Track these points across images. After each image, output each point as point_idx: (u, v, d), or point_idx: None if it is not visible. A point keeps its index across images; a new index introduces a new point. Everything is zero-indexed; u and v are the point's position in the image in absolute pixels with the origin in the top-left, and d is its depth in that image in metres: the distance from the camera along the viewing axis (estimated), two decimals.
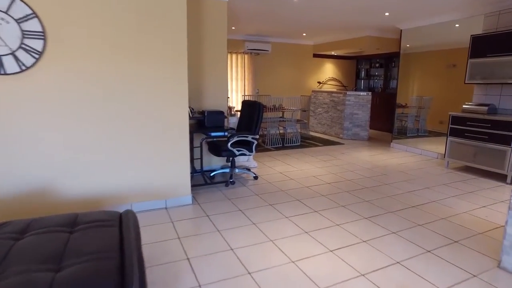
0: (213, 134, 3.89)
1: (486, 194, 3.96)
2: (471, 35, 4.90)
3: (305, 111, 7.40)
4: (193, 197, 3.63)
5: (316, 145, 6.77)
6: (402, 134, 8.47)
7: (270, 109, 6.48)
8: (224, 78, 4.56)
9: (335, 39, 8.21)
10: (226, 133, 3.90)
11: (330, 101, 7.93)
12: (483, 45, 4.75)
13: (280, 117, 7.08)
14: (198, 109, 4.46)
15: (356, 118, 7.44)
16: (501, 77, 4.57)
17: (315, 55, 9.21)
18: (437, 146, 6.83)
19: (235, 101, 8.34)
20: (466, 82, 4.99)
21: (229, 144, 3.99)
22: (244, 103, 4.55)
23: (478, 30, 5.06)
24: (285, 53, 8.77)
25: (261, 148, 6.39)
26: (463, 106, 5.10)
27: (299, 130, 7.99)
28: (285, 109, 7.07)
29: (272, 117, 6.52)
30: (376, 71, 9.45)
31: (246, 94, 8.39)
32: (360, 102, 7.39)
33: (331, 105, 7.89)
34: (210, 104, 4.55)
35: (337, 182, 4.33)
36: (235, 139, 4.01)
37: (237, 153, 4.08)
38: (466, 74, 4.98)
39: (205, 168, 4.68)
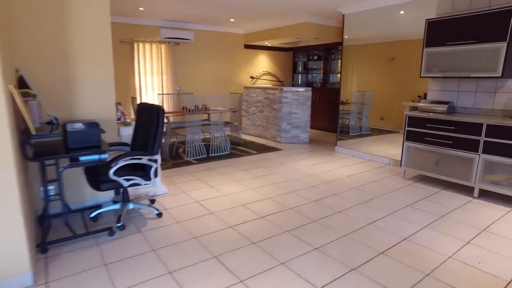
0: (83, 159, 2.45)
1: (460, 217, 3.09)
2: (426, 20, 4.06)
3: (235, 111, 6.18)
4: (34, 273, 2.18)
5: (249, 153, 5.59)
6: (345, 133, 7.69)
7: (192, 111, 5.14)
8: (109, 74, 3.10)
9: (269, 26, 7.09)
10: (104, 156, 2.48)
11: (264, 99, 6.80)
12: (440, 32, 3.92)
13: (204, 120, 5.76)
14: (68, 119, 2.96)
15: (295, 118, 6.42)
16: (461, 70, 3.78)
17: (247, 46, 8.02)
18: (384, 148, 6.12)
19: (152, 100, 6.80)
20: (422, 75, 4.16)
21: (111, 172, 2.59)
22: (140, 107, 3.15)
23: (429, 16, 4.25)
24: (211, 43, 7.44)
25: (178, 162, 5.01)
26: (419, 104, 4.27)
27: (229, 134, 6.74)
28: (211, 110, 5.77)
29: (193, 121, 5.18)
30: (315, 64, 8.57)
31: (164, 92, 6.90)
32: (299, 100, 6.37)
33: (265, 103, 6.77)
34: (89, 111, 3.07)
35: (275, 213, 3.16)
36: (121, 163, 2.62)
37: (125, 183, 2.69)
38: (421, 66, 4.14)
39: (88, 203, 3.20)
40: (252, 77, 8.24)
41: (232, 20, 6.56)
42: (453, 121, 3.68)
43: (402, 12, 4.90)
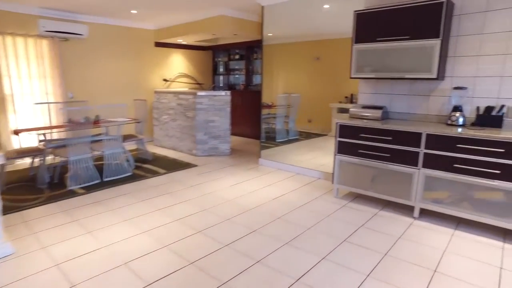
0: None
1: (405, 253, 2.49)
2: (354, 11, 3.48)
3: (139, 122, 5.07)
4: None
5: (157, 174, 4.55)
6: (271, 139, 7.02)
7: (80, 124, 3.95)
8: None
9: (181, 21, 6.09)
10: None
11: (177, 105, 5.79)
12: (370, 26, 3.36)
13: (97, 135, 4.58)
14: None
15: (213, 126, 5.53)
16: (395, 70, 3.25)
17: (159, 44, 6.91)
18: (314, 155, 5.55)
19: (30, 112, 5.34)
20: (352, 76, 3.57)
21: None
22: None
23: (356, 8, 3.70)
24: (113, 39, 6.20)
25: (58, 193, 3.79)
26: (350, 109, 3.68)
27: (135, 150, 5.60)
28: (103, 122, 4.60)
29: (79, 138, 3.99)
30: (236, 64, 7.79)
31: (50, 101, 5.49)
32: (216, 105, 5.49)
33: (179, 110, 5.77)
34: None
35: (170, 274, 2.23)
36: None
37: None
38: (351, 65, 3.55)
39: None
40: (165, 80, 7.15)
41: (134, 11, 5.44)
42: (390, 130, 3.12)
43: (326, 6, 4.30)
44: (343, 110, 4.76)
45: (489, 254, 2.51)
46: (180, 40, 6.83)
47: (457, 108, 3.12)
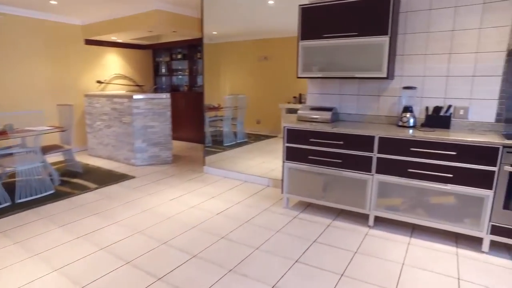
0: None
1: (364, 272, 2.25)
2: (299, 6, 3.21)
3: (64, 130, 4.40)
4: None
5: (86, 189, 3.95)
6: (219, 143, 6.63)
7: None
8: None
9: (112, 15, 5.47)
10: None
11: (112, 110, 5.18)
12: (317, 21, 3.11)
13: (7, 148, 3.86)
14: None
15: (152, 133, 5.00)
16: (344, 69, 3.04)
17: (89, 42, 6.19)
18: (263, 159, 5.26)
19: None
20: (299, 76, 3.30)
21: None
22: None
23: (302, 2, 3.45)
24: (31, 35, 5.39)
25: None
26: (298, 112, 3.41)
27: (63, 161, 4.89)
28: (20, 132, 3.90)
29: None
30: (179, 64, 7.28)
31: None
32: (155, 109, 4.98)
33: (113, 115, 5.16)
34: None
35: None
36: None
37: None
38: (297, 64, 3.28)
39: None
40: (99, 82, 6.44)
41: (53, 2, 4.73)
42: (341, 134, 2.88)
43: (271, 1, 4.01)
44: (292, 111, 4.52)
45: (446, 263, 2.36)
46: (114, 38, 6.18)
47: (407, 109, 2.98)
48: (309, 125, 3.05)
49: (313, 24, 3.12)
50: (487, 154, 2.38)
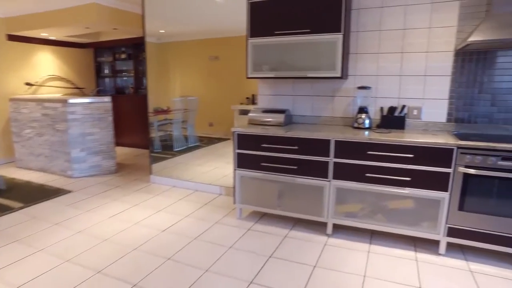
0: None
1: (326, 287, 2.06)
2: (248, 0, 2.97)
3: None
4: None
5: (8, 210, 3.40)
6: (169, 148, 6.24)
7: None
8: None
9: (41, 7, 4.87)
10: None
11: (43, 116, 4.60)
12: (267, 17, 2.90)
13: None
14: None
15: (92, 140, 4.51)
16: (296, 68, 2.86)
17: (13, 38, 5.48)
18: (216, 164, 4.98)
19: None
20: (249, 76, 3.07)
21: None
22: None
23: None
24: None
25: None
26: (249, 114, 3.18)
27: None
28: None
29: None
30: (124, 65, 6.75)
31: None
32: (94, 114, 4.49)
33: (45, 122, 4.58)
34: None
35: None
36: None
37: None
38: (247, 63, 3.04)
39: None
40: (29, 84, 5.75)
41: None
42: (294, 138, 2.69)
43: None
44: (245, 112, 4.30)
45: (406, 270, 2.26)
46: (45, 34, 5.54)
47: (362, 110, 2.86)
48: (261, 129, 2.83)
49: (263, 20, 2.90)
50: (442, 155, 2.31)
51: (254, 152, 2.86)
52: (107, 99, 4.61)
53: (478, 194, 2.28)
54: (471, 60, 2.66)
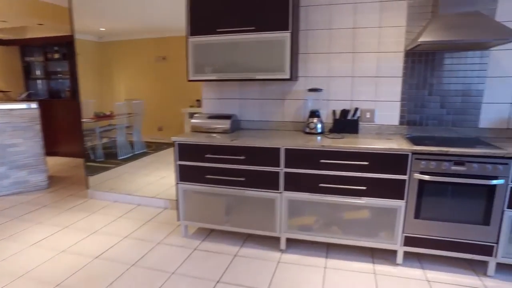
0: None
1: None
2: None
3: None
4: None
5: None
6: (112, 157, 5.72)
7: None
8: None
9: None
10: None
11: None
12: (208, 13, 2.61)
13: None
14: None
15: (16, 152, 3.94)
16: (243, 70, 2.60)
17: None
18: (164, 173, 4.64)
19: None
20: (190, 79, 2.76)
21: None
22: None
23: None
24: None
25: None
26: (192, 121, 2.87)
27: None
28: None
29: None
30: (58, 66, 6.09)
31: None
32: (17, 123, 3.92)
33: None
34: None
35: None
36: None
37: None
38: (188, 64, 2.73)
39: None
40: None
41: None
42: (242, 147, 2.43)
43: None
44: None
45: (365, 284, 2.10)
46: None
47: (314, 113, 2.68)
48: (204, 137, 2.54)
49: (204, 17, 2.61)
50: (397, 162, 2.17)
51: (197, 164, 2.56)
52: (34, 105, 4.05)
53: (433, 201, 2.18)
54: (420, 62, 2.58)
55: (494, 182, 2.06)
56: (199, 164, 2.55)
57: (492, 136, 2.54)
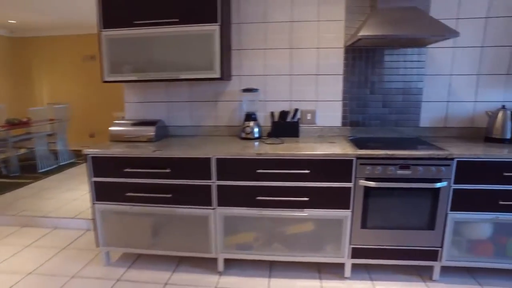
0: None
1: None
2: None
3: None
4: None
5: None
6: (30, 170, 5.08)
7: None
8: None
9: None
10: None
11: None
12: (123, 3, 2.21)
13: None
14: None
15: None
16: (166, 68, 2.24)
17: None
18: (71, 187, 4.15)
19: None
20: (105, 79, 2.33)
21: None
22: None
23: None
24: None
25: None
26: (111, 129, 2.44)
27: None
28: None
29: None
30: None
31: None
32: None
33: None
34: None
35: None
36: None
37: None
38: (101, 62, 2.31)
39: None
40: None
41: None
42: (166, 158, 2.07)
43: None
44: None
45: None
46: None
47: (250, 116, 2.40)
48: (123, 148, 2.14)
49: (119, 6, 2.21)
50: (341, 168, 1.97)
51: (116, 180, 2.15)
52: None
53: (380, 209, 2.02)
54: (361, 58, 2.42)
55: (438, 185, 1.94)
56: (118, 180, 2.15)
57: (431, 136, 2.47)
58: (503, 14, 2.29)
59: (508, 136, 2.22)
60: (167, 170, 2.07)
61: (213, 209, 2.11)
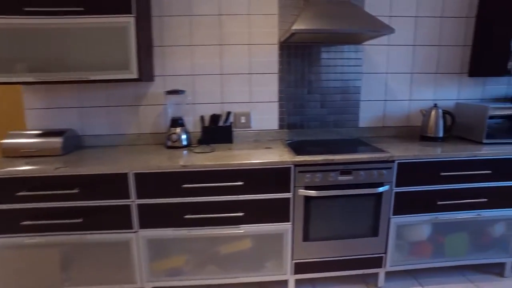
0: None
1: None
2: None
3: None
4: None
5: None
6: None
7: None
8: None
9: None
10: None
11: None
12: None
13: None
14: None
15: None
16: (71, 68, 1.87)
17: None
18: None
19: None
20: None
21: None
22: None
23: None
24: None
25: None
26: (4, 141, 1.99)
27: None
28: None
29: None
30: None
31: None
32: None
33: None
34: None
35: None
36: None
37: None
38: None
39: None
40: None
41: None
42: (72, 176, 1.71)
43: None
44: None
45: None
46: None
47: (176, 122, 2.12)
48: (22, 164, 1.73)
49: None
50: (279, 177, 1.78)
51: (7, 206, 1.73)
52: None
53: (322, 219, 1.87)
54: (297, 56, 2.26)
55: (381, 189, 1.84)
56: (11, 206, 1.73)
57: (371, 136, 2.40)
58: (429, 14, 2.28)
59: (441, 135, 2.21)
60: (75, 191, 1.71)
61: (135, 232, 1.79)
